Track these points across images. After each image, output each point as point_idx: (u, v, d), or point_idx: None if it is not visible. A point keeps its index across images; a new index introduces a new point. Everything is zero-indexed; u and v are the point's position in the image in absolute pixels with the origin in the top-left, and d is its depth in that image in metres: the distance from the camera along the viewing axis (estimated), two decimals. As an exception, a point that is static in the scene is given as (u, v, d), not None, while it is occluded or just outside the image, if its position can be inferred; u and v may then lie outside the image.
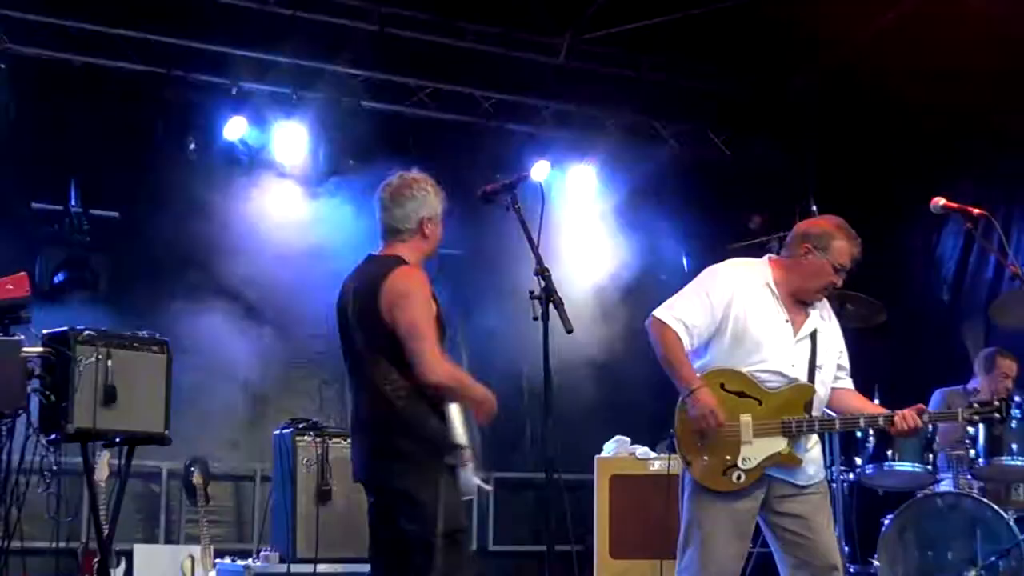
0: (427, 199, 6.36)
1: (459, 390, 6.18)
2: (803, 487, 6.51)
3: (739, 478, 6.39)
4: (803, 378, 6.52)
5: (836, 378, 6.72)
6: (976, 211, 6.97)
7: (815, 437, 6.61)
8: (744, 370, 6.48)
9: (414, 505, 6.04)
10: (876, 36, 12.20)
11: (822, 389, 6.59)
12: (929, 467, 8.97)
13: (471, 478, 6.13)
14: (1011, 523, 8.39)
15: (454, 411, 6.21)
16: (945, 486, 8.95)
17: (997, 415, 6.60)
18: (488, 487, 6.59)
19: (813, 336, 6.60)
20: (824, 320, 6.72)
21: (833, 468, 9.14)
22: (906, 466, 8.93)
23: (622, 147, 13.93)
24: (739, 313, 6.51)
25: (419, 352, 5.92)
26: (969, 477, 9.01)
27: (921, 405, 6.55)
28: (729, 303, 6.52)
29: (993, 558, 8.31)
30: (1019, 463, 8.72)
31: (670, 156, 14.23)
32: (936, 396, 10.02)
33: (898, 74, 11.89)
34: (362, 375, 6.27)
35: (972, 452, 8.89)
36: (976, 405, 6.65)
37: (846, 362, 6.84)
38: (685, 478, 6.60)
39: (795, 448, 6.43)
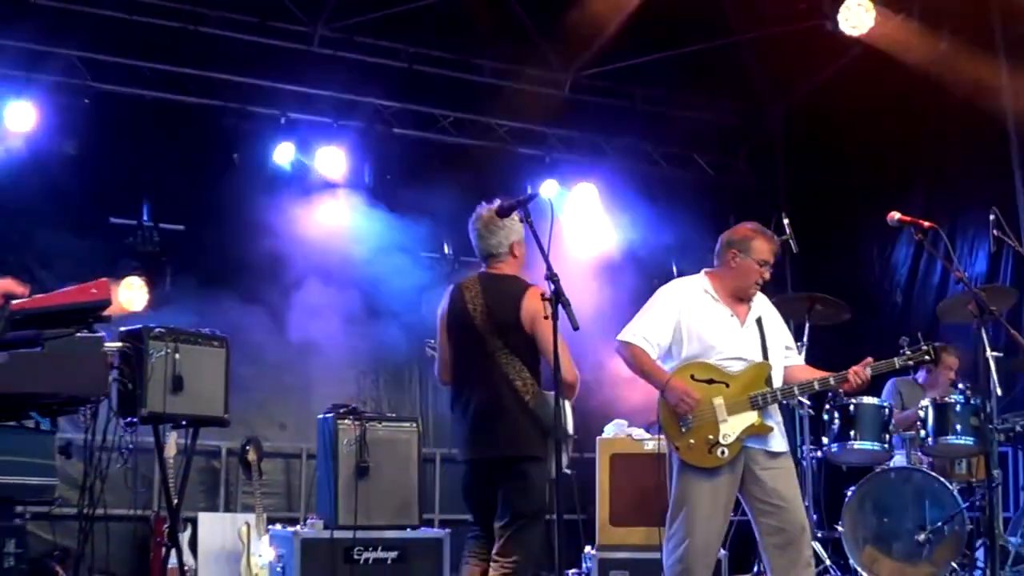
0: (513, 226, 6.63)
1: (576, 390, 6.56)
2: (776, 453, 6.58)
3: (723, 453, 6.45)
4: (759, 358, 6.63)
5: (786, 356, 6.83)
6: (926, 224, 7.08)
7: (779, 415, 6.69)
8: (709, 361, 6.57)
9: (526, 481, 6.49)
10: (836, 75, 12.26)
11: (777, 365, 6.69)
12: (886, 446, 8.97)
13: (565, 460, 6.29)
14: (955, 493, 8.42)
15: (568, 406, 6.54)
16: (899, 462, 8.96)
17: (927, 357, 6.71)
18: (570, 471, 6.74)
19: (759, 322, 6.72)
20: (765, 309, 6.84)
21: (803, 447, 9.17)
22: (866, 445, 8.94)
23: (619, 168, 13.98)
24: (687, 319, 6.65)
25: (563, 358, 6.06)
26: (919, 454, 9.02)
27: (868, 359, 6.65)
28: (677, 313, 6.67)
29: (939, 523, 8.32)
30: (962, 442, 8.75)
31: (661, 176, 14.27)
32: (889, 385, 10.05)
33: (855, 107, 12.02)
34: (491, 370, 6.57)
35: (923, 433, 8.89)
36: (909, 351, 6.72)
37: (791, 342, 7.00)
38: (673, 460, 6.66)
39: (764, 418, 6.54)
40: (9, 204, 11.54)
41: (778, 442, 6.61)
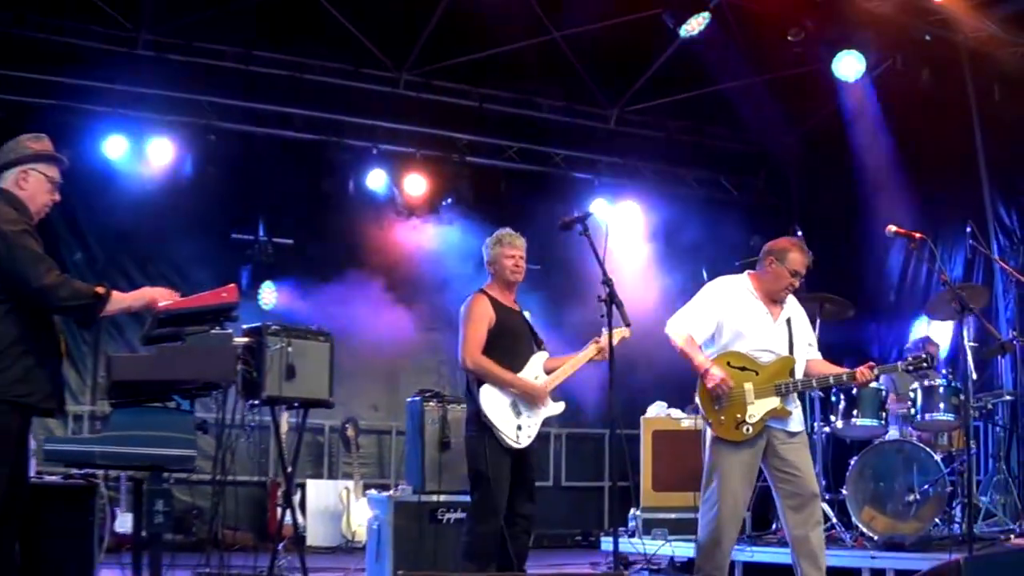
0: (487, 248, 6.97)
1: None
2: (793, 433, 6.57)
3: (748, 430, 6.46)
4: (786, 352, 6.62)
5: (808, 352, 6.80)
6: (918, 235, 7.09)
7: (798, 401, 6.69)
8: (743, 351, 6.57)
9: None
10: (837, 109, 12.22)
11: (800, 359, 6.66)
12: (882, 422, 8.97)
13: None
14: (939, 461, 8.39)
15: None
16: (892, 435, 8.92)
17: (925, 364, 6.68)
18: None
19: (788, 322, 6.70)
20: (795, 310, 6.81)
21: (815, 424, 9.16)
22: (866, 422, 8.95)
23: (656, 189, 14.00)
24: (728, 312, 6.63)
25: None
26: (909, 429, 9.00)
27: (871, 362, 6.65)
28: (719, 306, 6.65)
29: (926, 486, 8.30)
30: (945, 418, 8.77)
31: (691, 195, 14.26)
32: (886, 369, 10.01)
33: (855, 135, 12.00)
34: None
35: (912, 410, 8.89)
36: (911, 358, 6.70)
37: (814, 340, 6.96)
38: (707, 434, 6.69)
39: (786, 403, 6.53)
40: (151, 223, 11.74)
41: (796, 423, 6.61)
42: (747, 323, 6.61)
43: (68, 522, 6.44)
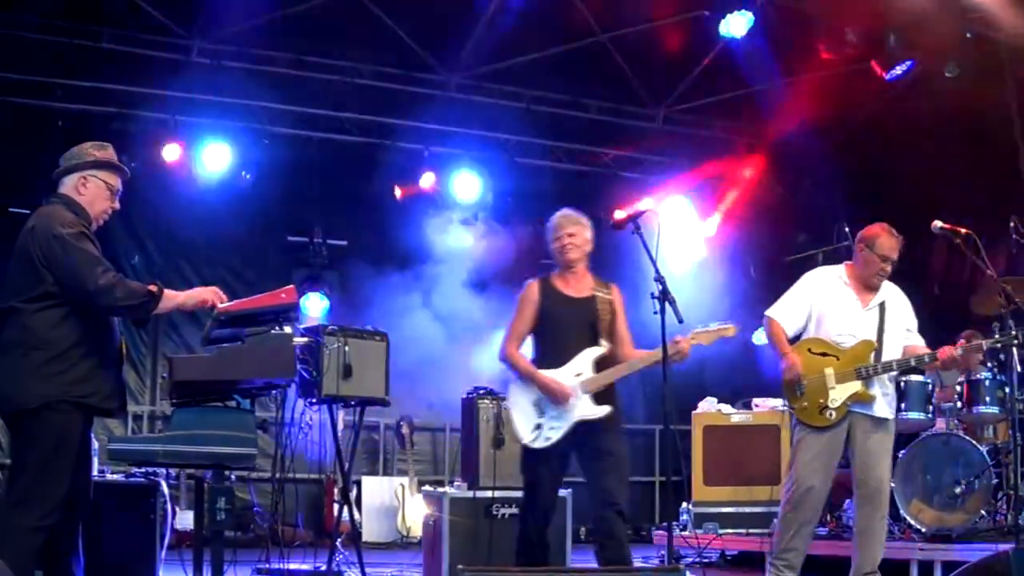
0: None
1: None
2: (879, 420, 6.56)
3: (831, 415, 6.47)
4: (872, 337, 6.59)
5: (906, 337, 6.77)
6: (963, 230, 7.04)
7: (890, 385, 6.67)
8: (826, 337, 6.59)
9: None
10: (885, 105, 12.11)
11: (890, 344, 6.63)
12: (930, 415, 8.90)
13: None
14: (984, 453, 8.31)
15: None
16: (939, 428, 8.86)
17: (1016, 341, 6.67)
18: None
19: (882, 307, 6.68)
20: (892, 296, 6.80)
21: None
22: (913, 415, 8.86)
23: (704, 186, 13.91)
24: (818, 301, 6.68)
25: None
26: (956, 422, 8.92)
27: (960, 342, 6.77)
28: (811, 296, 6.70)
29: (971, 478, 8.24)
30: (990, 411, 8.69)
31: (740, 193, 14.15)
32: (935, 361, 9.91)
33: (903, 133, 11.86)
34: None
35: (958, 404, 8.83)
36: (999, 335, 6.74)
37: (914, 325, 6.87)
38: (793, 422, 6.73)
39: (868, 387, 6.51)
40: (206, 227, 11.85)
41: (882, 409, 6.58)
42: (832, 310, 6.65)
43: (130, 520, 6.54)
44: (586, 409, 6.20)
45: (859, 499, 6.52)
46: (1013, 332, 6.67)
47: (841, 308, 6.65)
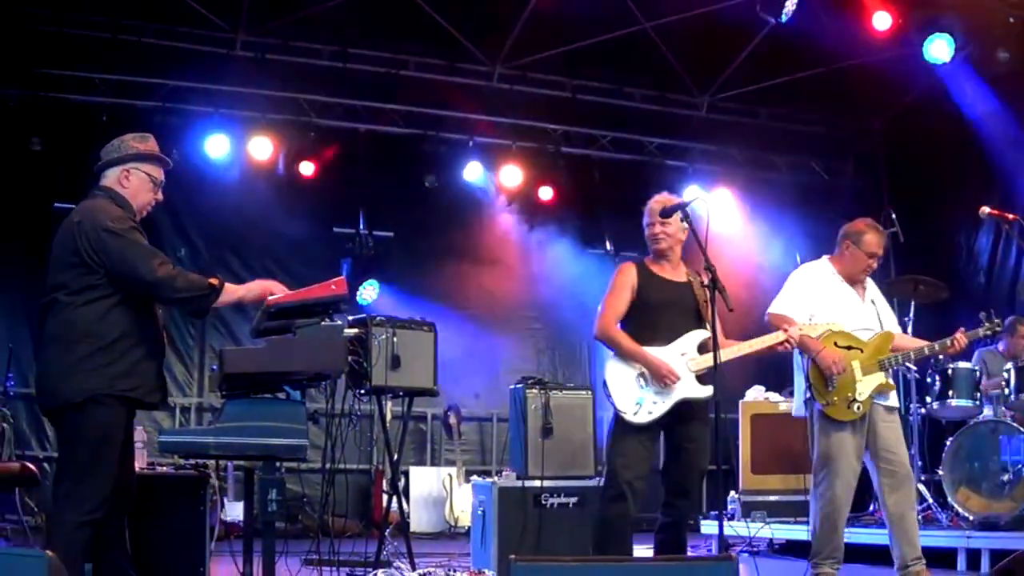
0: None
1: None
2: (891, 409, 6.55)
3: (858, 408, 6.40)
4: (879, 329, 6.59)
5: (896, 329, 6.81)
6: (1011, 216, 7.00)
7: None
8: (846, 329, 6.51)
9: None
10: (927, 93, 11.99)
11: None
12: (977, 403, 8.86)
13: None
14: (1032, 441, 8.26)
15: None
16: (987, 416, 8.75)
17: (998, 328, 6.75)
18: None
19: (873, 303, 6.71)
20: (875, 292, 6.81)
21: (912, 405, 9.04)
22: (961, 402, 8.86)
23: (749, 175, 13.80)
24: (820, 294, 6.60)
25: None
26: (1004, 409, 8.81)
27: (962, 328, 6.64)
28: (810, 291, 6.62)
29: (1019, 466, 8.15)
30: (1038, 398, 8.61)
31: (784, 181, 14.03)
32: (976, 355, 9.80)
33: (944, 118, 11.73)
34: None
35: (1006, 391, 8.72)
36: (987, 323, 6.69)
37: (895, 320, 6.94)
38: (814, 417, 6.54)
39: (888, 377, 6.54)
40: (252, 219, 11.87)
41: (894, 399, 6.60)
42: (840, 305, 6.60)
43: (180, 511, 6.52)
44: (691, 388, 6.17)
45: (889, 487, 6.43)
46: (995, 320, 6.69)
47: (846, 303, 6.62)
